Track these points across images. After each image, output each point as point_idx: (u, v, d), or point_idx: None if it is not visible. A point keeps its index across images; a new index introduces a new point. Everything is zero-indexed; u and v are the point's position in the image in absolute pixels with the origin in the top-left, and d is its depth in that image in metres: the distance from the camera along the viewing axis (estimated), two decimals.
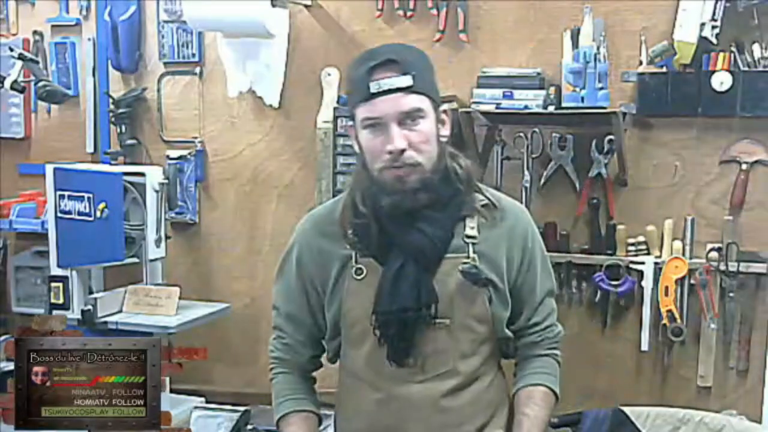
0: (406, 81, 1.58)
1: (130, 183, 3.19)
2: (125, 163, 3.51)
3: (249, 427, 2.81)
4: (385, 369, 1.70)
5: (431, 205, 1.66)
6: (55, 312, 3.12)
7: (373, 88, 1.58)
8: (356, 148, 1.71)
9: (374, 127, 1.62)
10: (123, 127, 3.54)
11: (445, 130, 1.70)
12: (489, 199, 1.73)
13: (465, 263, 1.66)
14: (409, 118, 1.60)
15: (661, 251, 2.87)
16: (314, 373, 1.89)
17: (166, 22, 3.51)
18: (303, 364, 1.85)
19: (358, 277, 1.70)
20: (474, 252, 1.68)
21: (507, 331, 1.75)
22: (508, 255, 1.71)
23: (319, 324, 1.80)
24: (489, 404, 1.76)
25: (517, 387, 1.79)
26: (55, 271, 3.19)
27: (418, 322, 1.65)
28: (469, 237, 1.68)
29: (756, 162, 2.81)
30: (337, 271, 1.73)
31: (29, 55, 3.21)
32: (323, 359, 1.88)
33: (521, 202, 2.32)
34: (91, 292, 3.23)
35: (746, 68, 2.73)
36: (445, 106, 1.71)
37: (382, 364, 1.69)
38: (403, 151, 1.60)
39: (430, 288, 1.65)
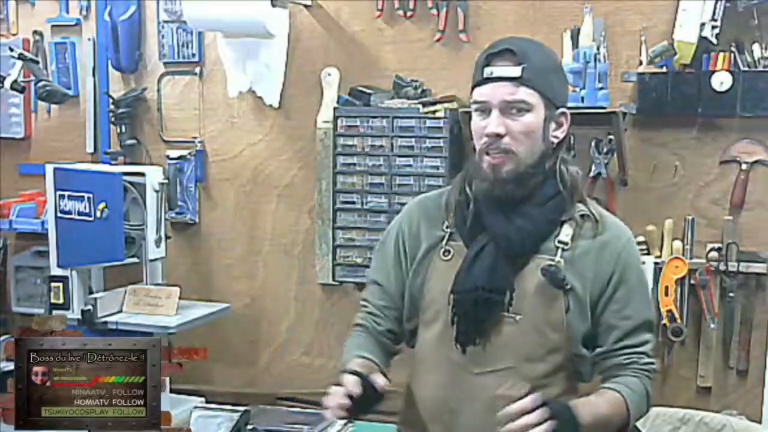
0: (515, 72, 1.62)
1: (130, 183, 3.19)
2: (125, 163, 3.51)
3: (249, 427, 2.80)
4: (449, 353, 1.69)
5: (527, 200, 1.67)
6: (55, 312, 3.12)
7: (486, 73, 1.64)
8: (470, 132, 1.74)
9: (482, 111, 1.66)
10: (123, 127, 3.54)
11: (559, 132, 1.70)
12: (591, 212, 1.71)
13: (549, 264, 1.65)
14: (513, 108, 1.63)
15: (661, 251, 2.87)
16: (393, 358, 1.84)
17: (166, 22, 3.51)
18: (381, 335, 1.82)
19: (445, 258, 1.72)
20: (561, 257, 1.66)
21: (583, 349, 1.69)
22: (597, 269, 1.68)
23: (403, 297, 1.80)
24: None
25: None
26: (55, 271, 3.19)
27: (488, 307, 1.65)
28: (561, 242, 1.67)
29: (756, 162, 2.82)
30: (426, 249, 1.75)
31: (29, 55, 3.21)
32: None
33: None
34: (91, 292, 3.23)
35: (746, 68, 2.73)
36: (564, 109, 1.70)
37: (447, 347, 1.69)
38: (499, 136, 1.63)
39: (505, 275, 1.65)
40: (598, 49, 2.77)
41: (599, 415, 1.61)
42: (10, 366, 1.90)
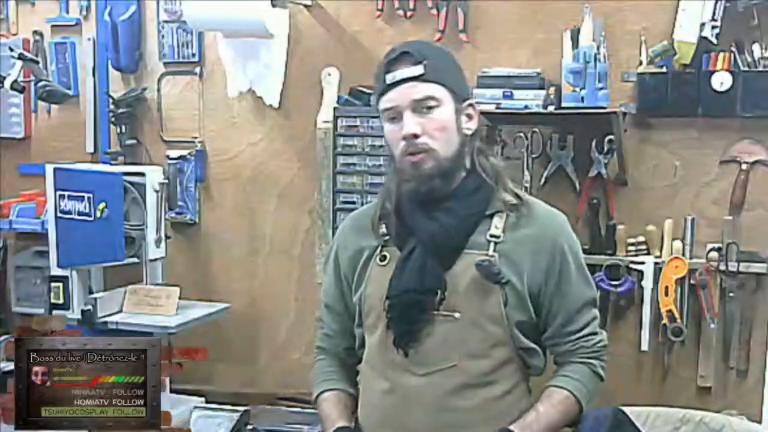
0: (417, 70, 1.65)
1: (130, 183, 3.19)
2: (125, 163, 3.51)
3: (249, 427, 2.80)
4: (392, 357, 1.70)
5: (450, 197, 1.69)
6: (55, 312, 3.12)
7: (388, 79, 1.68)
8: (386, 144, 1.77)
9: (393, 117, 1.69)
10: (123, 127, 3.54)
11: (471, 124, 1.73)
12: (520, 200, 1.72)
13: (482, 259, 1.65)
14: (422, 105, 1.65)
15: (661, 251, 2.87)
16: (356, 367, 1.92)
17: (166, 22, 3.51)
18: (340, 354, 1.91)
19: (381, 264, 1.75)
20: (495, 251, 1.67)
21: (525, 340, 1.71)
22: (533, 258, 1.69)
23: (352, 314, 1.85)
24: (503, 414, 1.69)
25: (542, 388, 1.76)
26: (55, 271, 3.19)
27: (422, 309, 1.67)
28: (492, 236, 1.68)
29: (756, 162, 2.81)
30: (364, 260, 1.78)
31: (29, 55, 3.21)
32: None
33: None
34: (91, 292, 3.23)
35: (746, 68, 2.73)
36: (471, 101, 1.74)
37: (390, 351, 1.71)
38: (415, 136, 1.65)
39: (435, 274, 1.66)
40: (598, 49, 2.77)
41: (549, 424, 1.68)
42: (10, 366, 1.90)
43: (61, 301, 3.16)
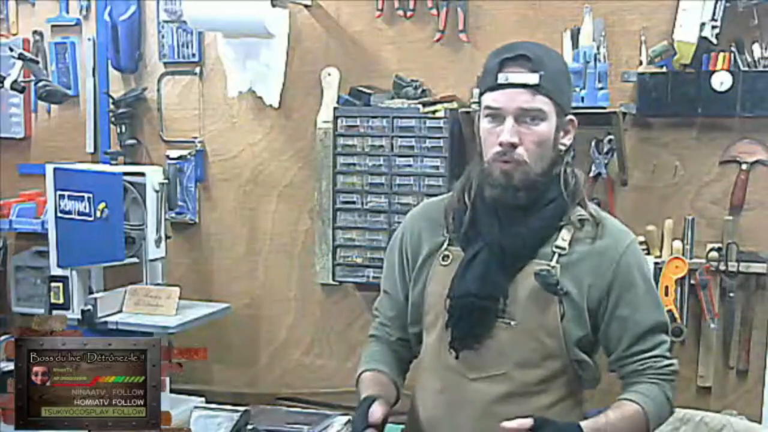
0: (533, 79, 1.59)
1: (130, 183, 3.19)
2: (125, 163, 3.51)
3: (249, 427, 2.80)
4: (446, 358, 1.69)
5: (528, 206, 1.66)
6: (55, 312, 3.12)
7: (501, 79, 1.60)
8: (477, 136, 1.72)
9: (494, 117, 1.63)
10: (123, 127, 3.54)
11: (567, 139, 1.69)
12: (591, 216, 1.69)
13: (542, 268, 1.64)
14: (527, 116, 1.60)
15: (661, 251, 2.87)
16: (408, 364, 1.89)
17: (166, 22, 3.52)
18: (394, 344, 1.86)
19: (444, 263, 1.72)
20: (558, 262, 1.65)
21: (580, 353, 1.67)
22: (595, 273, 1.66)
23: (407, 305, 1.81)
24: None
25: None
26: (55, 271, 3.19)
27: (481, 314, 1.64)
28: (558, 247, 1.66)
29: (756, 162, 2.82)
30: (426, 254, 1.75)
31: (29, 55, 3.21)
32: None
33: None
34: (91, 292, 3.23)
35: (746, 68, 2.73)
36: (571, 116, 1.68)
37: (444, 352, 1.69)
38: (513, 145, 1.60)
39: (497, 281, 1.64)
40: (598, 49, 2.77)
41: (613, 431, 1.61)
42: (10, 366, 1.89)
43: (61, 301, 3.17)
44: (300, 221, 3.41)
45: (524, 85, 1.59)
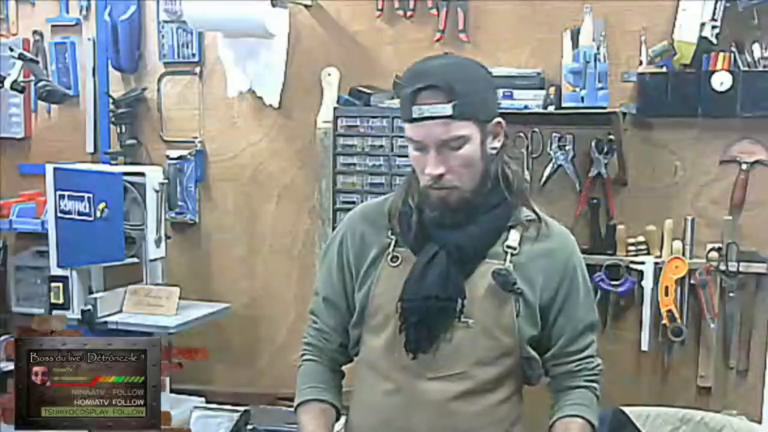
0: (446, 110, 1.57)
1: (130, 183, 3.19)
2: (125, 163, 3.51)
3: (249, 427, 2.81)
4: (400, 359, 1.70)
5: (475, 209, 1.68)
6: (55, 312, 3.12)
7: (415, 113, 1.59)
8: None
9: (417, 147, 1.65)
10: (123, 127, 3.54)
11: (497, 142, 1.69)
12: (537, 216, 1.73)
13: (499, 268, 1.66)
14: (448, 145, 1.61)
15: (661, 251, 2.87)
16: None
17: (166, 22, 3.51)
18: (332, 353, 1.85)
19: (393, 264, 1.72)
20: (510, 261, 1.68)
21: (531, 350, 1.72)
22: (546, 274, 1.71)
23: (351, 310, 1.81)
24: (502, 420, 1.73)
25: (554, 418, 1.76)
26: (55, 271, 3.18)
27: (440, 315, 1.66)
28: (509, 247, 1.69)
29: (756, 162, 2.81)
30: (373, 257, 1.75)
31: (29, 55, 3.21)
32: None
33: None
34: (91, 292, 3.23)
35: (746, 68, 2.73)
36: (498, 118, 1.69)
37: (398, 354, 1.70)
38: (441, 175, 1.62)
39: (457, 282, 1.66)
40: (598, 49, 2.77)
41: None
42: (10, 366, 1.90)
43: (61, 301, 3.16)
44: (300, 221, 3.41)
45: (439, 117, 1.57)
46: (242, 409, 2.86)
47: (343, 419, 1.89)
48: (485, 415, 1.70)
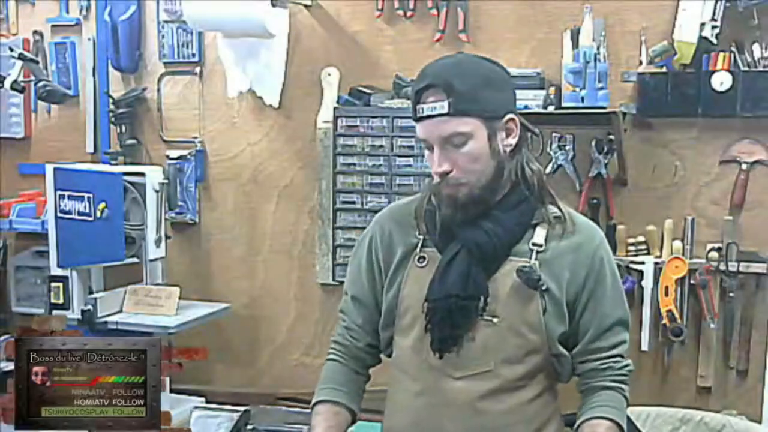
0: (442, 108, 1.60)
1: (130, 183, 3.19)
2: (125, 163, 3.51)
3: (249, 427, 2.80)
4: (428, 359, 1.70)
5: (496, 207, 1.68)
6: (55, 312, 3.12)
7: (418, 111, 1.63)
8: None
9: (426, 146, 1.67)
10: (123, 127, 3.54)
11: (511, 139, 1.69)
12: (562, 213, 1.72)
13: (523, 265, 1.66)
14: (450, 142, 1.62)
15: (661, 251, 2.87)
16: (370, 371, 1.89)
17: (166, 22, 3.52)
18: (358, 351, 1.85)
19: (420, 265, 1.72)
20: (536, 259, 1.67)
21: (560, 347, 1.71)
22: (572, 269, 1.69)
23: (379, 308, 1.81)
24: (532, 418, 1.71)
25: (581, 419, 1.73)
26: (55, 271, 3.19)
27: (464, 313, 1.66)
28: (535, 244, 1.68)
29: (756, 162, 2.82)
30: (401, 257, 1.75)
31: (29, 55, 3.21)
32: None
33: None
34: (91, 292, 3.23)
35: (746, 68, 2.74)
36: (510, 115, 1.68)
37: (426, 354, 1.70)
38: (446, 172, 1.63)
39: (479, 280, 1.66)
40: (598, 49, 2.77)
41: None
42: (10, 366, 1.90)
43: (61, 301, 3.16)
44: (300, 221, 3.41)
45: (437, 115, 1.60)
46: (242, 409, 2.86)
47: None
48: (514, 414, 1.69)
